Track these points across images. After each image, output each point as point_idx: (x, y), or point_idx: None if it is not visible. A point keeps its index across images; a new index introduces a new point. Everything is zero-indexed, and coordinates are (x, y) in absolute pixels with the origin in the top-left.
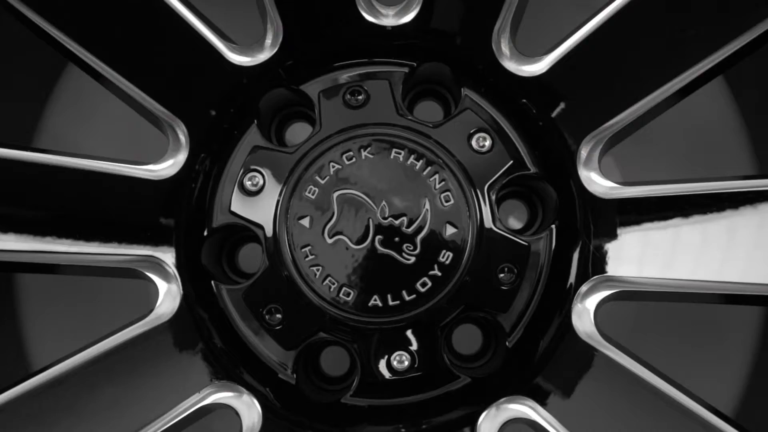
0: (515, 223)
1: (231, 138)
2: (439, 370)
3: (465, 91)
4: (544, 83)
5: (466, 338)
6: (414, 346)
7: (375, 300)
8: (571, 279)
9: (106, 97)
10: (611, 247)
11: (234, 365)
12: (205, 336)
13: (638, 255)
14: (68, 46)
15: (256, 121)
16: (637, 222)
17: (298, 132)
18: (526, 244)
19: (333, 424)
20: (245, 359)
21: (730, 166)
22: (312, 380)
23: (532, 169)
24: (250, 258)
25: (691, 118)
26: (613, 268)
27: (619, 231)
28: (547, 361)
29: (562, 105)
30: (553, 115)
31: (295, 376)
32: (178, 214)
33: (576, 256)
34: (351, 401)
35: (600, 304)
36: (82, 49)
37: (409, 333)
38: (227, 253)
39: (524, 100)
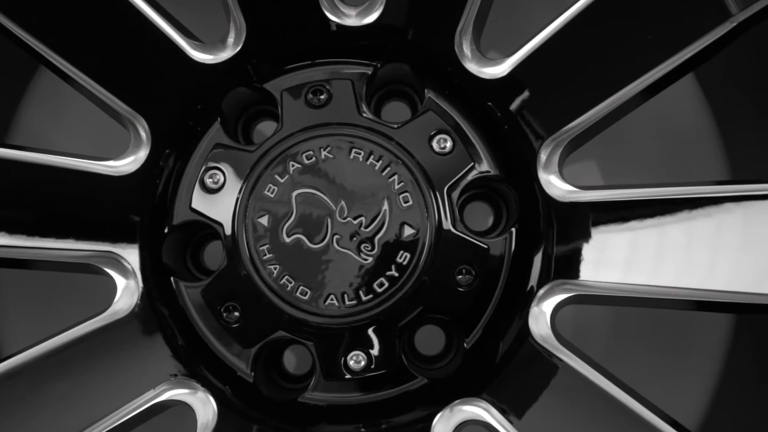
0: (480, 225)
1: (194, 135)
2: (397, 371)
3: (428, 93)
4: (505, 86)
5: (431, 339)
6: (371, 346)
7: (331, 299)
8: (533, 282)
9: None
10: (570, 251)
11: (194, 362)
12: (165, 333)
13: (595, 259)
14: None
15: (219, 118)
16: (595, 226)
17: (266, 130)
18: (485, 246)
19: (292, 423)
20: (205, 356)
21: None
22: (273, 378)
23: (494, 172)
24: (216, 255)
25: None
26: (571, 272)
27: (577, 235)
28: (507, 364)
29: (522, 108)
30: (514, 118)
31: (253, 374)
32: (139, 210)
33: (537, 259)
34: (310, 400)
35: (557, 308)
36: (39, 43)
37: (366, 333)
38: (192, 250)
39: (489, 103)
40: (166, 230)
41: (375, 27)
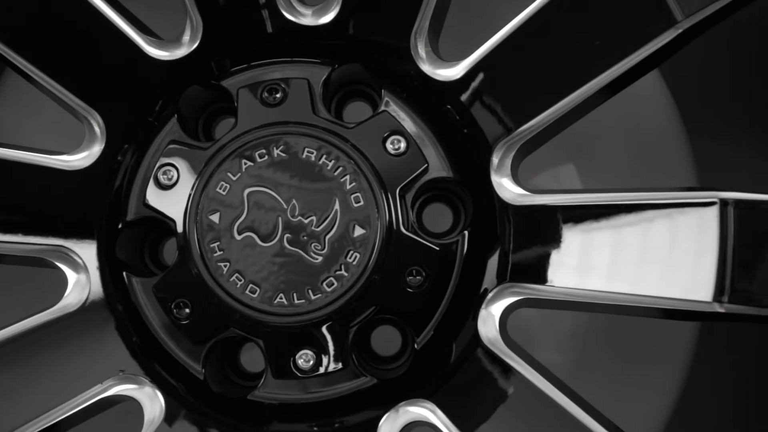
0: (440, 227)
1: (150, 131)
2: (347, 370)
3: (386, 94)
4: (459, 89)
5: (388, 340)
6: (320, 346)
7: (280, 298)
8: (487, 284)
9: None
10: (524, 254)
11: (147, 358)
12: (119, 328)
13: (547, 263)
14: None
15: (176, 115)
16: (547, 230)
17: (228, 127)
18: (435, 247)
19: (245, 420)
20: (157, 353)
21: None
22: (226, 376)
23: (449, 174)
24: (174, 251)
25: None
26: (524, 275)
27: (530, 238)
28: (461, 367)
29: (475, 111)
30: (469, 120)
31: (203, 371)
32: (93, 205)
33: (491, 261)
34: (262, 398)
35: (507, 311)
36: None
37: (315, 332)
38: (150, 245)
39: (445, 105)
40: (120, 226)
41: (331, 27)
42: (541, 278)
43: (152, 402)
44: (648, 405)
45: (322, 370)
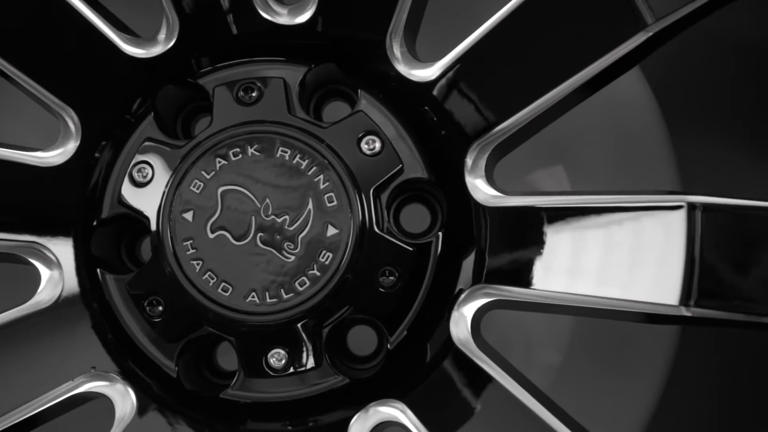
0: (419, 228)
1: (126, 128)
2: (321, 370)
3: (362, 94)
4: (435, 89)
5: (367, 340)
6: (292, 345)
7: (252, 297)
8: (461, 286)
9: None
10: (495, 256)
11: (122, 356)
12: (95, 325)
13: (517, 265)
14: None
15: (153, 112)
16: (521, 232)
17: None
18: (409, 248)
19: (218, 419)
20: (131, 350)
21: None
22: (201, 374)
23: (424, 175)
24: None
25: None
26: (495, 277)
27: (505, 240)
28: (435, 368)
29: (450, 112)
30: (444, 121)
31: (177, 368)
32: (68, 202)
33: (467, 263)
34: (235, 396)
35: (480, 312)
36: None
37: (287, 331)
38: (127, 243)
39: (421, 105)
40: (95, 223)
41: (307, 26)
42: (513, 280)
43: (124, 399)
44: (624, 410)
45: (293, 369)
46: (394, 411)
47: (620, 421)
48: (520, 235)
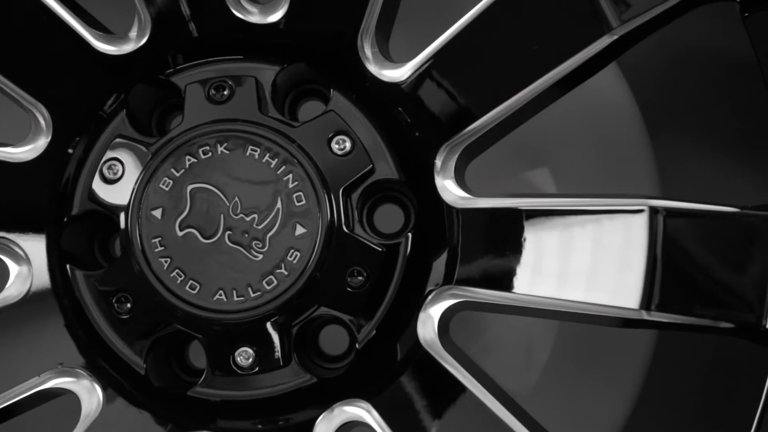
0: (393, 228)
1: (98, 125)
2: (289, 368)
3: (335, 93)
4: (405, 90)
5: (340, 339)
6: (260, 343)
7: (220, 295)
8: (431, 286)
9: None
10: (465, 257)
11: (91, 352)
12: (66, 321)
13: (483, 267)
14: None
15: (125, 109)
16: (488, 233)
17: None
18: (378, 248)
19: (188, 416)
20: (99, 347)
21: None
22: (171, 371)
23: (395, 175)
24: None
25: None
26: (465, 278)
27: (471, 241)
28: (405, 369)
29: (420, 112)
30: (415, 121)
31: (145, 365)
32: (39, 197)
33: (437, 263)
34: (205, 394)
35: (447, 314)
36: None
37: (255, 329)
38: (100, 239)
39: (393, 105)
40: (65, 219)
41: (279, 25)
42: (481, 282)
43: (90, 395)
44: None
45: (260, 368)
46: (360, 411)
47: (592, 422)
48: (489, 237)
